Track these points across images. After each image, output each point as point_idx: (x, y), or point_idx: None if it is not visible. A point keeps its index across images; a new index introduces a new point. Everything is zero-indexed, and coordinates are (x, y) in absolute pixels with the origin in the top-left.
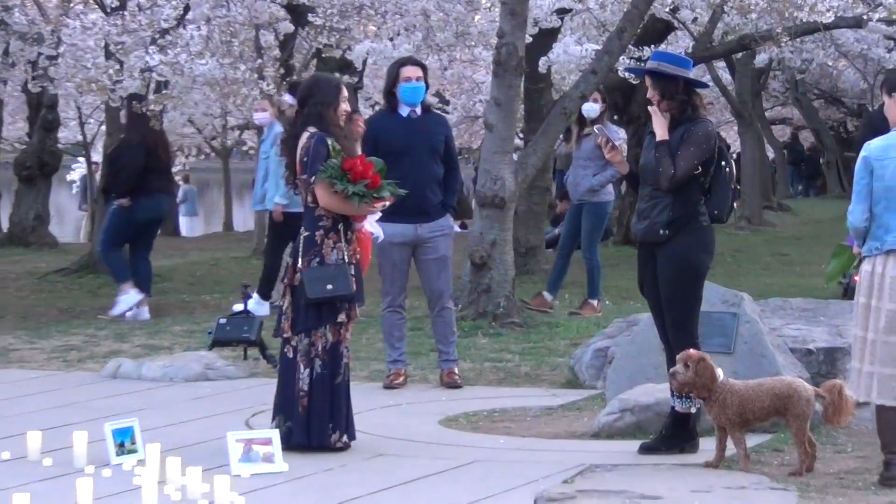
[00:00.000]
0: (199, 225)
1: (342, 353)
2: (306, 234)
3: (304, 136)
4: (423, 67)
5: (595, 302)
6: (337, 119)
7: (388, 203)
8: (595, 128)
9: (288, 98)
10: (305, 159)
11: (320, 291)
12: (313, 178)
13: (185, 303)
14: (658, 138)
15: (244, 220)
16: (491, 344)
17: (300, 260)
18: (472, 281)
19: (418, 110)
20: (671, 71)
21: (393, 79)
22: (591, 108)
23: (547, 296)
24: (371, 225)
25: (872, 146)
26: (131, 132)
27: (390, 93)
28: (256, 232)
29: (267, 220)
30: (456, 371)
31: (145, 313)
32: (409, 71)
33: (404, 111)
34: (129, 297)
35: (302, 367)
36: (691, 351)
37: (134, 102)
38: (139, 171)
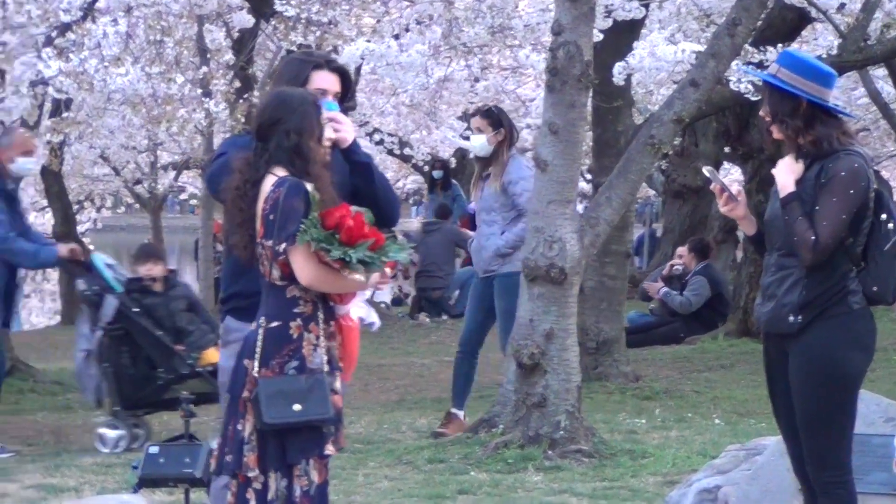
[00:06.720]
0: None
1: (329, 501)
2: (274, 325)
3: (268, 182)
4: (345, 75)
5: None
6: (321, 154)
7: (389, 270)
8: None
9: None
10: (272, 217)
11: (281, 414)
12: (285, 243)
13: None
14: (781, 193)
15: None
16: (547, 482)
17: (267, 363)
18: (518, 390)
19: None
20: (790, 83)
21: (297, 86)
22: (478, 144)
23: None
24: (359, 308)
25: None
26: None
27: None
28: None
29: None
30: None
31: None
32: (324, 80)
33: None
34: None
35: None
36: None
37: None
38: None
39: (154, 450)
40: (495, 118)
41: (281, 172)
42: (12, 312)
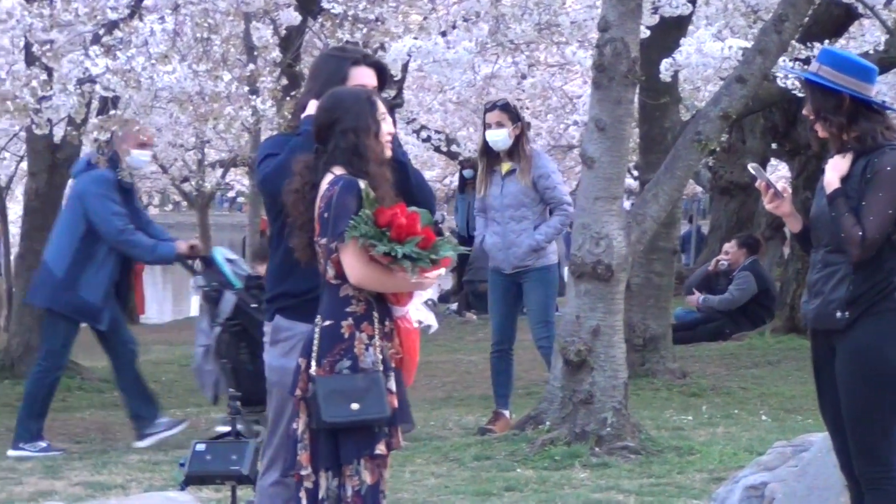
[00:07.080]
0: (166, 306)
1: (381, 502)
2: (327, 323)
3: (325, 181)
4: (383, 71)
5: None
6: (380, 151)
7: (443, 270)
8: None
9: None
10: (326, 215)
11: (339, 413)
12: (336, 241)
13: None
14: (828, 190)
15: None
16: (594, 479)
17: (320, 362)
18: (565, 387)
19: None
20: (831, 80)
21: (336, 82)
22: (501, 139)
23: None
24: (418, 310)
25: None
26: None
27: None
28: None
29: None
30: None
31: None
32: (363, 75)
33: None
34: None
35: None
36: None
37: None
38: None
39: (201, 447)
40: (513, 111)
41: (339, 171)
42: (127, 304)
